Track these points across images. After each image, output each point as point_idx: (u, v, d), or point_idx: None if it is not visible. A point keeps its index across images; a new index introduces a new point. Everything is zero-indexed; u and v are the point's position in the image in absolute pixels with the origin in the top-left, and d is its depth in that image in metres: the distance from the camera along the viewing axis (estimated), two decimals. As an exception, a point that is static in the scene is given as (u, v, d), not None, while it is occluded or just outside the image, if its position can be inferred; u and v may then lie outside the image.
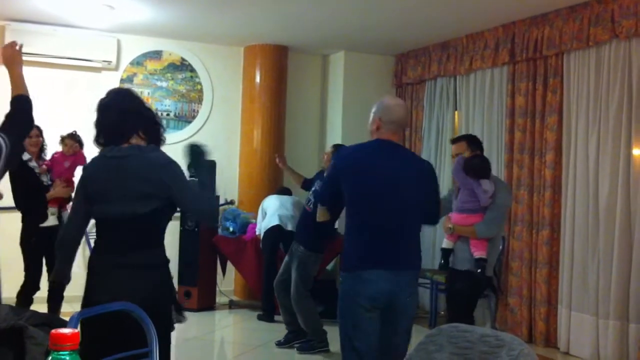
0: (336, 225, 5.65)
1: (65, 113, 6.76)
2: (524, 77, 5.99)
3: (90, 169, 2.77)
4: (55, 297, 5.10)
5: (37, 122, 5.06)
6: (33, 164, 5.06)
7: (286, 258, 5.61)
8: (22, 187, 4.96)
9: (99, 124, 2.72)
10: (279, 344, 5.54)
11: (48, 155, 5.36)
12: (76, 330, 1.10)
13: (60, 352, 1.09)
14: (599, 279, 5.21)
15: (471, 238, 4.24)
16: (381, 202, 3.13)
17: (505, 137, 6.18)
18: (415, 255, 3.26)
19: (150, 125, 2.76)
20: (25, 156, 4.97)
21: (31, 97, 3.06)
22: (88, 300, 2.59)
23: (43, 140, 5.26)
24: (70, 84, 6.99)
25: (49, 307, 5.00)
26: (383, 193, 3.14)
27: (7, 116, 2.97)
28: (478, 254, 4.21)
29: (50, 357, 1.09)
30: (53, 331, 1.09)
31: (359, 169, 3.19)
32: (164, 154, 2.71)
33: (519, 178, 5.98)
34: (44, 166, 5.18)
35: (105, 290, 2.52)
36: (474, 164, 4.26)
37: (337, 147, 5.50)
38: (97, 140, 2.75)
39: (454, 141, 4.65)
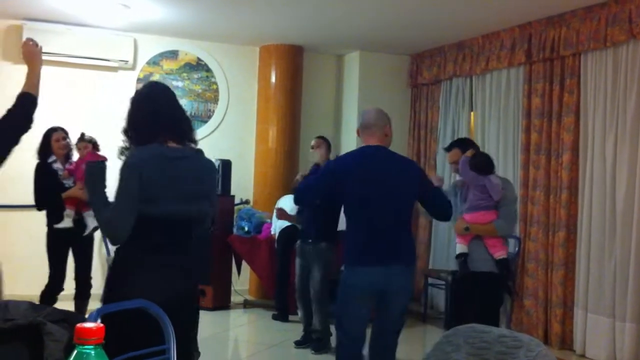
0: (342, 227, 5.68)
1: (81, 112, 6.81)
2: (541, 78, 5.95)
3: (149, 169, 2.47)
4: (83, 296, 5.14)
5: (55, 122, 5.17)
6: (58, 165, 5.04)
7: (299, 260, 5.60)
8: (43, 188, 4.94)
9: (143, 117, 2.60)
10: (298, 344, 5.54)
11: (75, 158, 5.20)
12: (101, 325, 1.10)
13: (85, 347, 1.10)
14: (616, 281, 5.17)
15: (487, 237, 4.20)
16: (376, 207, 3.48)
17: (522, 137, 6.14)
18: (406, 251, 3.58)
19: (189, 126, 2.73)
20: (51, 157, 5.01)
21: (40, 98, 3.03)
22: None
23: (70, 143, 5.15)
24: (86, 83, 7.03)
25: (76, 306, 5.05)
26: (378, 200, 3.47)
27: (7, 110, 2.96)
28: (500, 254, 4.18)
29: (75, 352, 1.09)
30: (78, 325, 1.09)
31: (355, 180, 3.50)
32: (208, 157, 2.87)
33: (535, 179, 5.95)
34: (66, 171, 5.07)
35: (159, 291, 2.39)
36: (480, 162, 4.28)
37: (323, 139, 5.70)
38: (128, 135, 2.61)
39: (448, 149, 4.66)
